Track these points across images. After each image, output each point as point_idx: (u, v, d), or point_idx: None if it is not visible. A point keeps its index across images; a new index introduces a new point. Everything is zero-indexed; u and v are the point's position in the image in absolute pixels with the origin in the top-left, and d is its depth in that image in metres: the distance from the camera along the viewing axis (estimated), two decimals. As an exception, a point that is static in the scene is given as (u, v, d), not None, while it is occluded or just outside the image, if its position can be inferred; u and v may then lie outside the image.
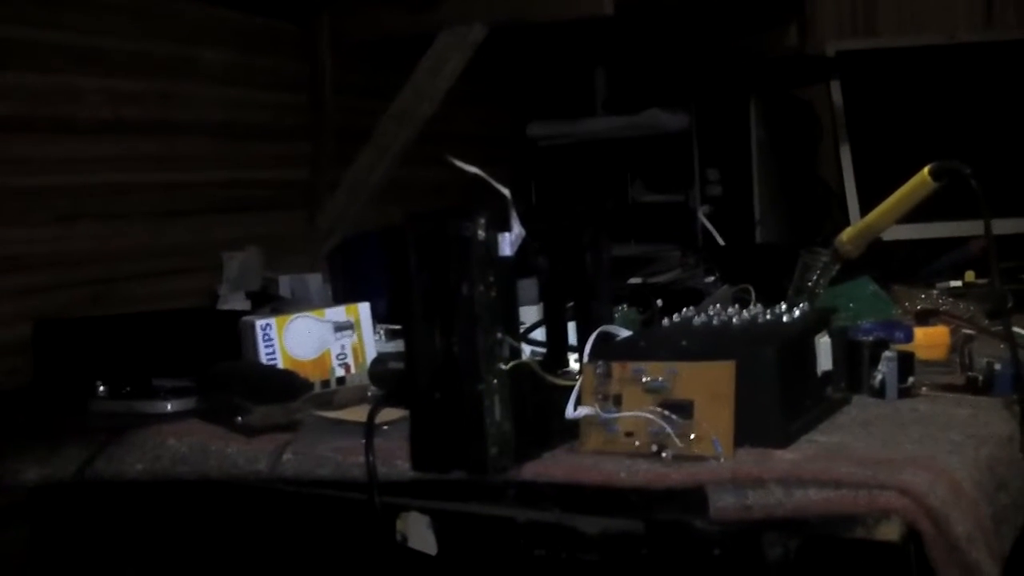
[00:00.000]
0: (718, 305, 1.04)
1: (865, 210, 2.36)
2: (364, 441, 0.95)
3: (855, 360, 1.04)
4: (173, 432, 1.11)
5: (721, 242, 2.19)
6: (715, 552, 0.80)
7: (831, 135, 2.49)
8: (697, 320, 0.99)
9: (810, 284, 1.15)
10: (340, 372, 1.23)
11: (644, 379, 0.87)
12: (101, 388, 1.27)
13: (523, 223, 0.88)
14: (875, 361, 1.05)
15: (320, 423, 1.06)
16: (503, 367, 0.83)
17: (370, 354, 1.25)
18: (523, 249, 0.87)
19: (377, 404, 1.03)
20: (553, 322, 1.01)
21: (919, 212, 2.47)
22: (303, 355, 1.20)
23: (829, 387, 0.98)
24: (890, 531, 0.73)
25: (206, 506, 1.10)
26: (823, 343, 0.97)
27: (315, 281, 1.86)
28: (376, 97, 2.04)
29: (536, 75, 2.63)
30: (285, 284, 1.86)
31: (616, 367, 0.88)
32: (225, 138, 1.85)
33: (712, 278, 2.02)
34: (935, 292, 1.68)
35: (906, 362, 1.04)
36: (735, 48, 2.59)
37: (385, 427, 1.05)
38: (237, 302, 1.71)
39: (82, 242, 1.60)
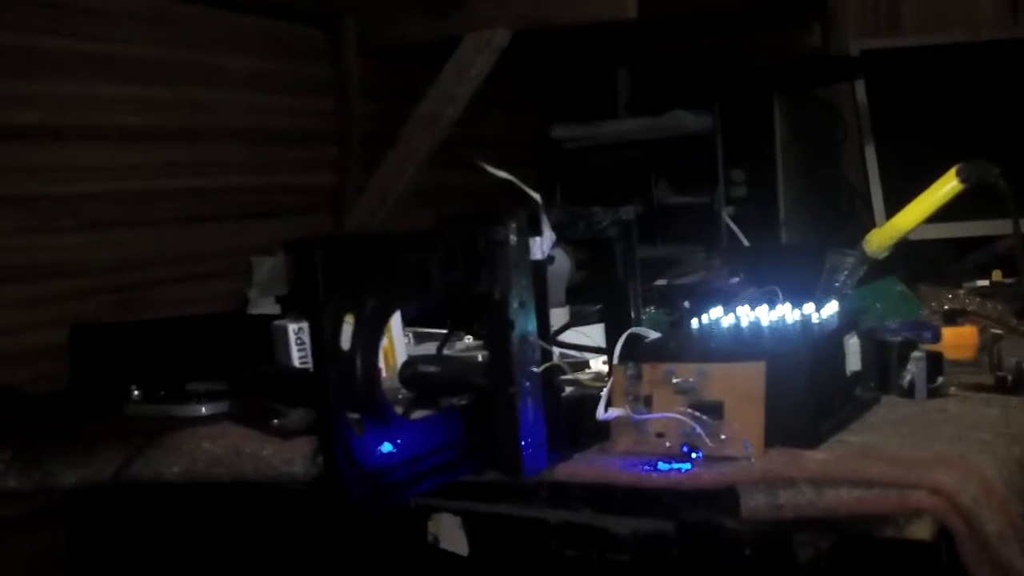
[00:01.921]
0: (746, 306, 1.04)
1: (891, 210, 2.36)
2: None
3: (884, 360, 1.04)
4: (208, 435, 1.13)
5: (746, 243, 2.19)
6: (746, 552, 0.81)
7: (855, 135, 2.49)
8: (726, 322, 1.00)
9: (838, 284, 1.15)
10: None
11: (674, 380, 0.87)
12: (136, 392, 1.29)
13: (554, 227, 0.89)
14: (904, 361, 1.05)
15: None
16: (535, 370, 0.84)
17: (400, 357, 1.26)
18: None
19: (408, 406, 1.05)
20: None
21: (946, 211, 2.47)
22: (335, 358, 1.22)
23: (858, 387, 0.98)
24: (921, 530, 0.74)
25: (243, 507, 1.12)
26: (852, 344, 0.97)
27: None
28: (402, 101, 2.06)
29: (560, 78, 2.64)
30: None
31: (647, 368, 0.89)
32: (251, 144, 1.87)
33: (737, 279, 2.03)
34: (962, 291, 1.68)
35: (935, 362, 1.04)
36: (758, 48, 2.59)
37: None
38: (267, 307, 1.73)
39: (112, 248, 1.63)
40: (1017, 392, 1.02)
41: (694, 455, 0.84)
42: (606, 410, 0.90)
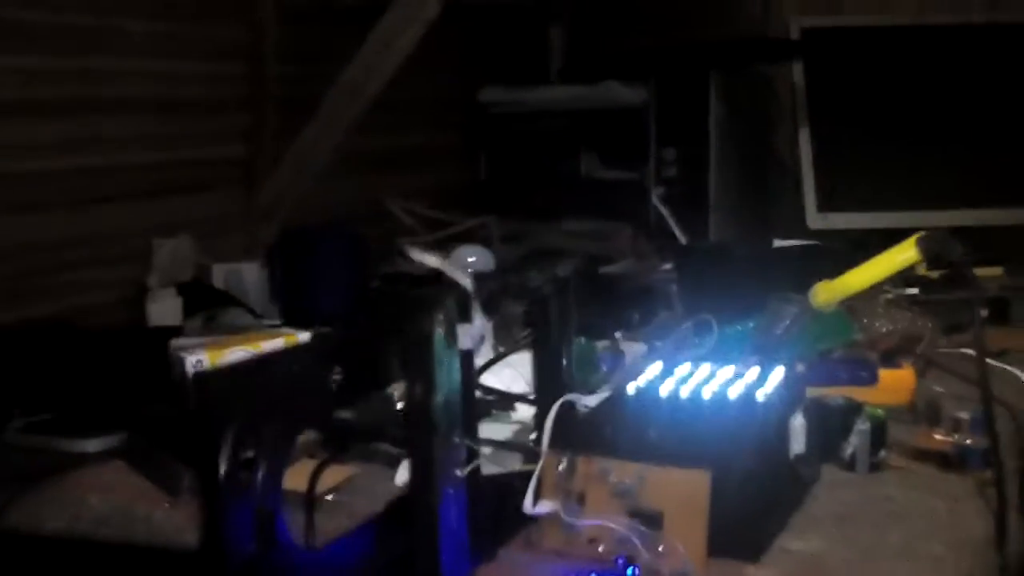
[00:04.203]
0: (684, 364, 0.98)
1: (822, 195, 2.32)
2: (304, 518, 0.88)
3: (825, 429, 0.99)
4: (95, 486, 1.03)
5: (678, 233, 2.13)
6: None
7: (790, 115, 2.43)
8: (664, 391, 0.93)
9: (779, 334, 1.10)
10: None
11: (611, 479, 0.80)
12: (16, 419, 1.18)
13: (485, 301, 0.80)
14: (845, 430, 1.00)
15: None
16: (460, 474, 0.76)
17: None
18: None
19: (318, 467, 0.96)
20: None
21: (876, 202, 2.42)
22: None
23: (800, 467, 0.93)
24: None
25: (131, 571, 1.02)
26: (797, 425, 0.91)
27: (251, 272, 1.76)
28: (320, 63, 1.91)
29: (490, 38, 2.51)
30: (219, 274, 1.76)
31: (582, 462, 0.82)
32: (152, 115, 1.71)
33: (665, 267, 1.97)
34: (891, 296, 1.65)
35: (878, 433, 1.00)
36: (696, 16, 2.49)
37: (329, 497, 0.98)
38: (167, 299, 1.60)
39: (-6, 235, 1.48)
40: (961, 469, 0.98)
41: (629, 570, 0.77)
42: (535, 504, 0.82)
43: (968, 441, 0.99)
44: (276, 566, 0.64)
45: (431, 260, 0.78)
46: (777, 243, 1.91)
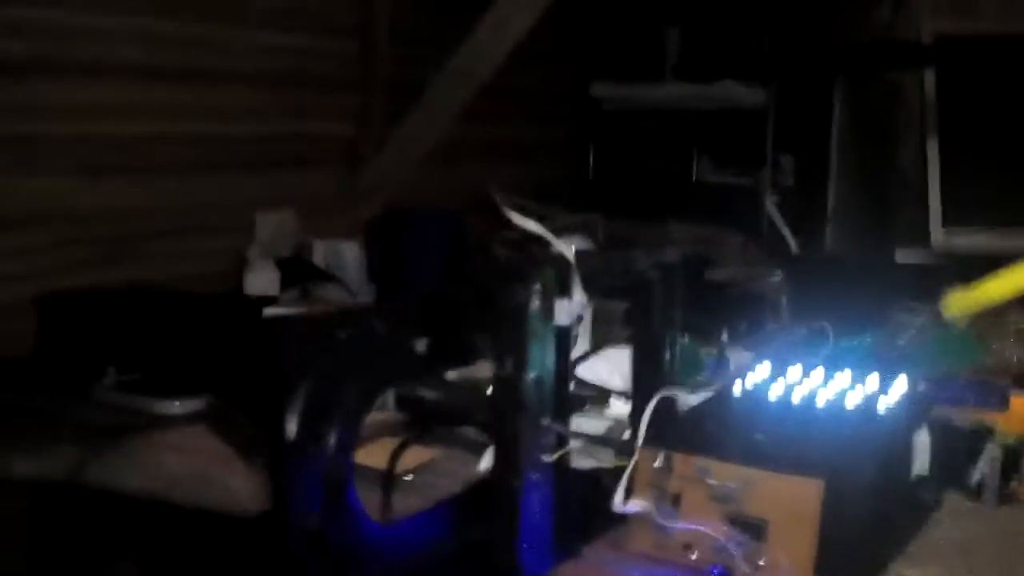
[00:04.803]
0: (799, 367, 0.90)
1: (948, 210, 2.19)
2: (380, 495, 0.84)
3: (950, 452, 0.89)
4: (174, 447, 1.01)
5: (791, 242, 2.03)
6: None
7: (918, 124, 2.30)
8: (773, 394, 0.85)
9: (902, 344, 1.01)
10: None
11: (710, 481, 0.73)
12: (109, 375, 1.17)
13: (585, 277, 0.74)
14: (973, 454, 0.91)
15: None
16: (547, 459, 0.71)
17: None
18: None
19: (400, 445, 0.91)
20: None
21: (1005, 220, 2.26)
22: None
23: (921, 490, 0.84)
24: None
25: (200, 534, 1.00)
26: (921, 442, 0.83)
27: (351, 251, 1.74)
28: (433, 48, 1.88)
29: (605, 32, 2.45)
30: (319, 251, 1.75)
31: (679, 461, 0.75)
32: (264, 87, 1.71)
33: (775, 278, 1.87)
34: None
35: (1011, 460, 0.90)
36: (821, 18, 2.38)
37: (408, 477, 0.93)
38: (267, 271, 1.59)
39: (102, 196, 1.48)
40: (1104, 507, 0.87)
41: (726, 581, 0.70)
42: (625, 502, 0.76)
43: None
44: (343, 537, 0.59)
45: (532, 226, 0.73)
46: (900, 259, 1.81)
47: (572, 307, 0.72)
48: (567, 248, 0.72)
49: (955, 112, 2.23)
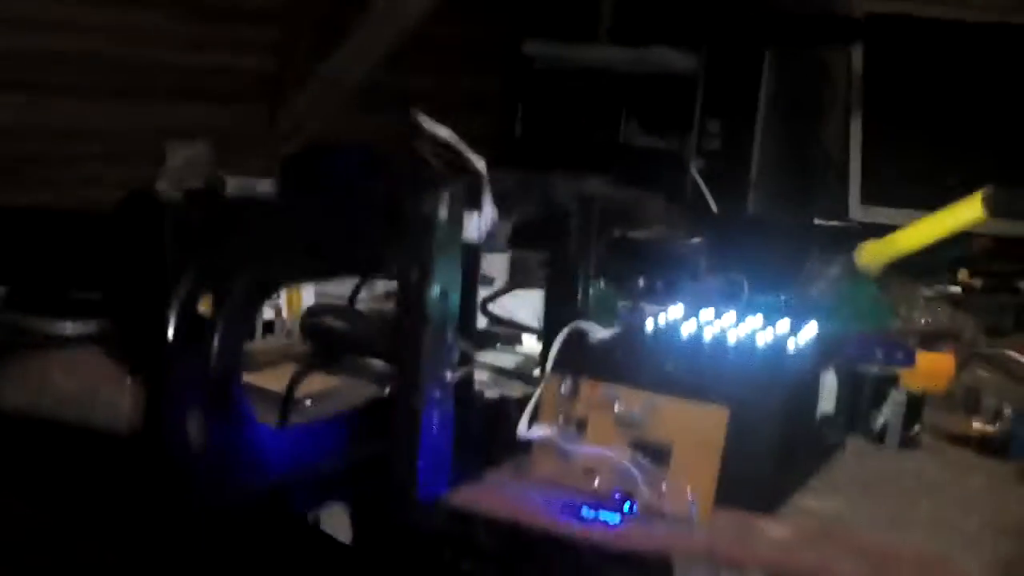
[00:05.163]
0: (711, 310, 0.89)
1: (867, 187, 2.22)
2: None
3: (856, 396, 0.90)
4: (63, 364, 0.96)
5: (713, 204, 2.04)
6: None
7: (843, 101, 2.32)
8: (686, 330, 0.84)
9: (815, 294, 1.01)
10: (269, 314, 1.07)
11: (617, 407, 0.72)
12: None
13: (499, 198, 0.72)
14: (878, 399, 0.91)
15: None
16: (450, 378, 0.68)
17: (307, 299, 1.09)
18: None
19: (302, 369, 0.88)
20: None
21: (923, 200, 2.31)
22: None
23: (826, 430, 0.84)
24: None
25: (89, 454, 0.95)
26: (829, 382, 0.82)
27: (264, 189, 1.68)
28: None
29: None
30: (232, 187, 1.69)
31: (586, 386, 0.74)
32: (183, 15, 1.64)
33: (696, 240, 1.87)
34: (931, 295, 1.55)
35: (914, 407, 0.91)
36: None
37: (308, 401, 0.90)
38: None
39: (3, 113, 1.41)
40: (1003, 455, 0.89)
41: (627, 506, 0.69)
42: (529, 427, 0.74)
43: (1007, 412, 0.90)
44: (229, 441, 0.56)
45: (443, 132, 0.70)
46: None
47: (482, 222, 0.70)
48: (479, 160, 0.69)
49: (880, 92, 2.25)
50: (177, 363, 0.53)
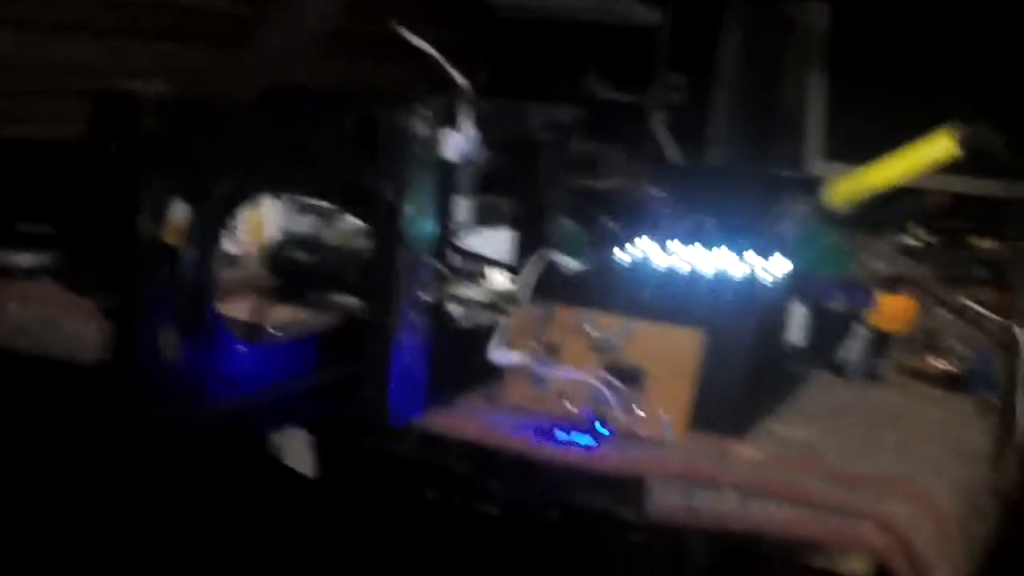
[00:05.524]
0: (678, 242, 0.89)
1: (827, 144, 2.23)
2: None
3: (822, 330, 0.91)
4: (19, 294, 0.94)
5: (676, 155, 2.04)
6: (639, 552, 0.67)
7: (806, 58, 2.33)
8: (660, 262, 0.84)
9: (782, 233, 1.01)
10: (232, 248, 1.05)
11: (591, 332, 0.72)
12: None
13: (476, 122, 0.71)
14: (843, 334, 0.92)
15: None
16: (424, 298, 0.67)
17: (272, 232, 1.07)
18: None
19: (270, 296, 0.87)
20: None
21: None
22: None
23: (793, 359, 0.85)
24: (857, 566, 0.61)
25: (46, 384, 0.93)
26: (798, 313, 0.83)
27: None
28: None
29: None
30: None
31: (559, 312, 0.73)
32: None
33: (657, 191, 1.87)
34: (890, 247, 1.58)
35: (879, 342, 0.92)
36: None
37: (274, 331, 0.89)
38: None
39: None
40: (963, 389, 0.90)
41: (601, 428, 0.69)
42: (502, 352, 0.74)
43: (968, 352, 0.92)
44: (201, 355, 0.55)
45: (424, 45, 0.69)
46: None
47: (461, 142, 0.68)
48: (460, 76, 0.68)
49: (847, 47, 2.26)
50: (150, 271, 0.51)
